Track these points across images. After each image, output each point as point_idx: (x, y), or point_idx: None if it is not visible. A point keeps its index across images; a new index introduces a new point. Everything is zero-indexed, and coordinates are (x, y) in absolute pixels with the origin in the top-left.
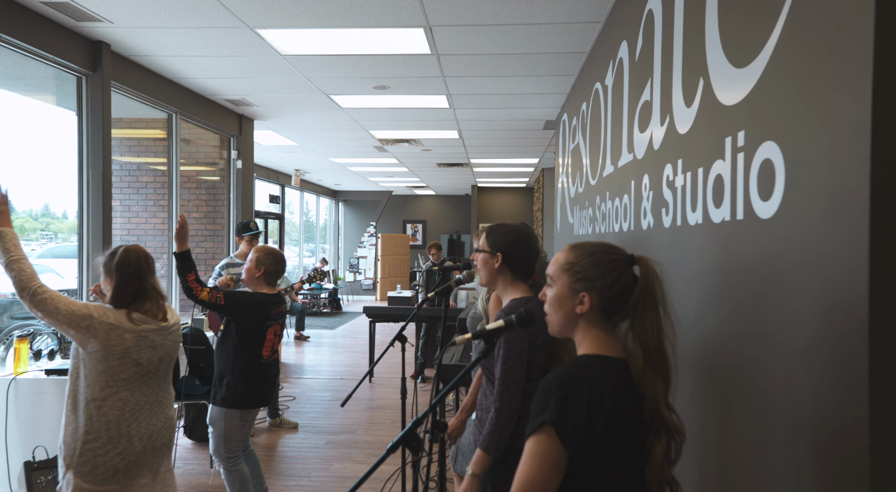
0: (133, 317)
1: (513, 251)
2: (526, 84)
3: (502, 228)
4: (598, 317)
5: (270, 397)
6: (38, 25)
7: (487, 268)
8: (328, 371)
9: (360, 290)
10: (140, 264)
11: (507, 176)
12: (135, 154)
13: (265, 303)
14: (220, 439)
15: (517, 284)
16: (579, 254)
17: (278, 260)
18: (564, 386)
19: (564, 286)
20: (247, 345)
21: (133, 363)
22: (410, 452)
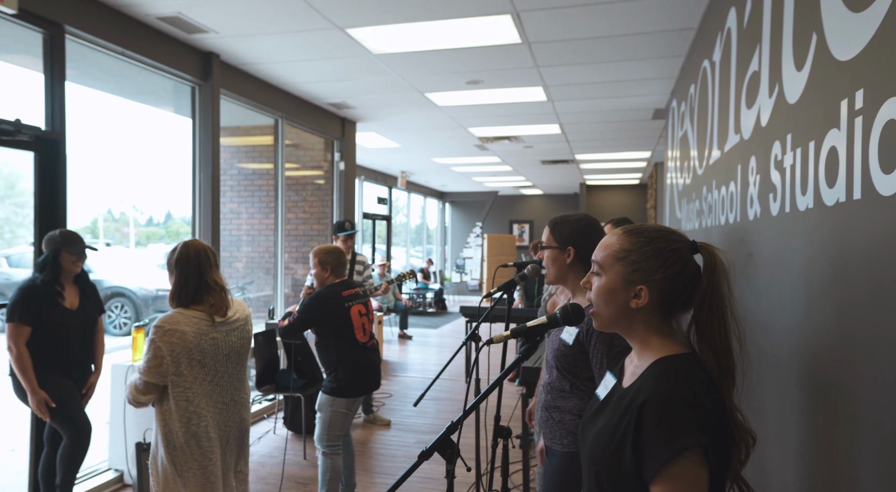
0: (188, 314)
1: (586, 243)
2: (628, 69)
3: (568, 219)
4: (657, 313)
5: (376, 382)
6: (155, 39)
7: (557, 264)
8: (429, 370)
9: (467, 290)
10: (200, 258)
11: (616, 172)
12: (250, 160)
13: (332, 291)
14: (324, 425)
15: None
16: (637, 241)
17: (338, 253)
18: (693, 398)
19: (617, 277)
20: (339, 335)
21: (198, 365)
22: (444, 460)
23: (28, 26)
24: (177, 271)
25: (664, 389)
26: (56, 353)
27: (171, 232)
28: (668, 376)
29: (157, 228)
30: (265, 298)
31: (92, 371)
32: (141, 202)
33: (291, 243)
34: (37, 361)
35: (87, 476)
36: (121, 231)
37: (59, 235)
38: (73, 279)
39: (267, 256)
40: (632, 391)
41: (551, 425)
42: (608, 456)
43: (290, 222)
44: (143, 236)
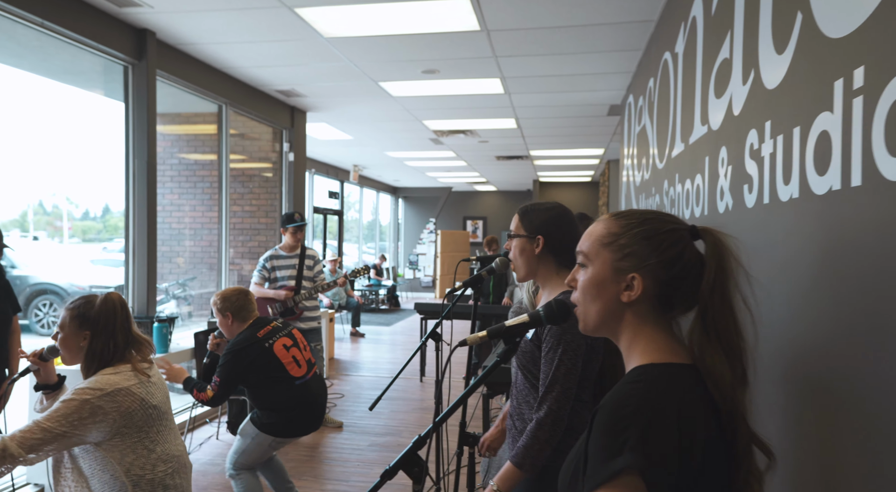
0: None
1: (555, 232)
2: (587, 62)
3: (540, 207)
4: (654, 308)
5: (318, 421)
6: (82, 12)
7: (525, 255)
8: (381, 369)
9: (420, 287)
10: (125, 311)
11: (570, 169)
12: (192, 149)
13: (244, 339)
14: (239, 453)
15: (563, 272)
16: (626, 223)
17: (237, 295)
18: (644, 414)
19: (605, 266)
20: (271, 379)
21: (155, 410)
22: (411, 479)
23: None
24: (97, 331)
25: (616, 401)
26: None
27: (109, 226)
28: (629, 387)
29: (94, 222)
30: (208, 294)
31: (6, 376)
32: (75, 194)
33: (237, 238)
34: None
35: (4, 490)
36: (53, 225)
37: None
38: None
39: (211, 251)
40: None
41: (514, 435)
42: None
43: (236, 215)
44: (79, 231)
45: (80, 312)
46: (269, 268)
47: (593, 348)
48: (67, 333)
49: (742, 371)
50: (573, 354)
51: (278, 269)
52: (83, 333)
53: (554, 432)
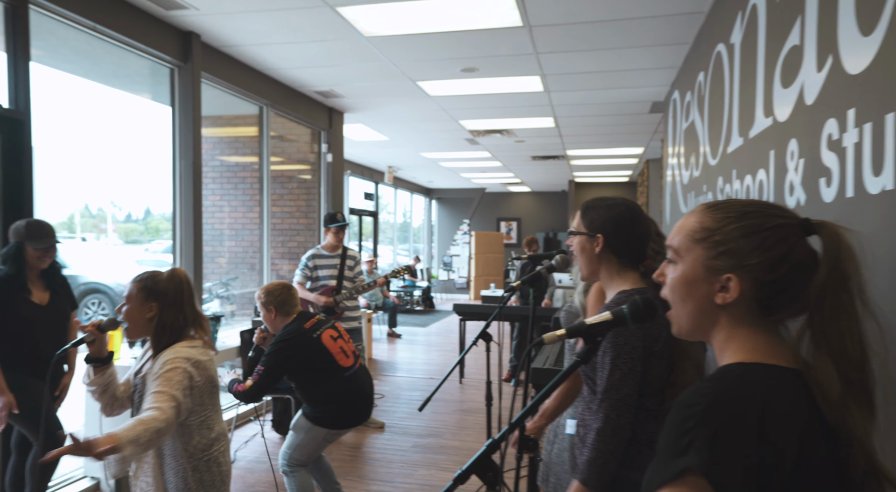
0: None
1: (617, 231)
2: (630, 58)
3: (602, 203)
4: (752, 311)
5: (368, 411)
6: (130, 14)
7: (586, 254)
8: (419, 369)
9: (454, 288)
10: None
11: (607, 169)
12: (233, 151)
13: (291, 330)
14: (292, 447)
15: (625, 272)
16: (722, 217)
17: (280, 289)
18: (716, 414)
19: (697, 264)
20: (320, 370)
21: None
22: (485, 484)
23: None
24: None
25: (690, 393)
26: (24, 352)
27: (150, 229)
28: (709, 382)
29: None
30: (250, 294)
31: (65, 371)
32: (119, 198)
33: (277, 238)
34: (3, 361)
35: (62, 485)
36: (98, 227)
37: (24, 227)
38: (41, 273)
39: (251, 252)
40: None
41: (576, 443)
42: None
43: (276, 216)
44: (122, 233)
45: (147, 285)
46: (312, 267)
47: (654, 353)
48: (133, 305)
49: (860, 385)
50: (628, 357)
51: (320, 268)
52: (149, 304)
53: (616, 442)
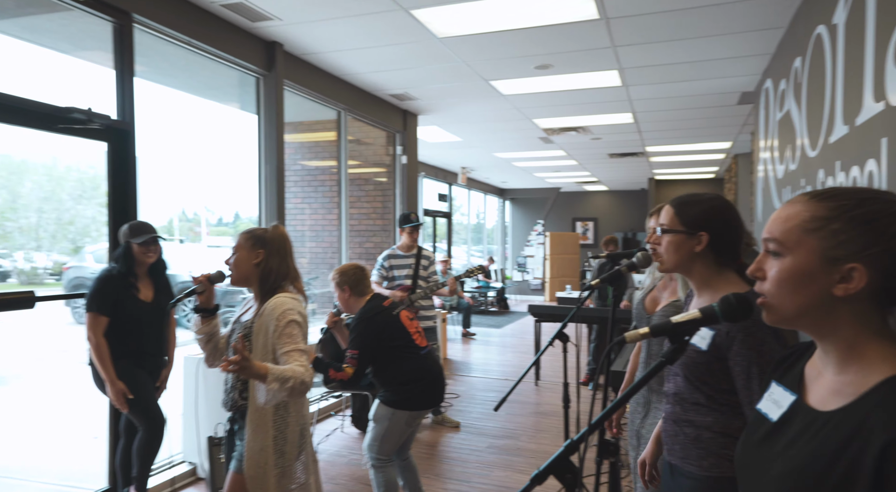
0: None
1: (723, 228)
2: (717, 47)
3: (699, 198)
4: (872, 304)
5: (443, 393)
6: (220, 28)
7: (682, 253)
8: (493, 370)
9: (528, 290)
10: (290, 243)
11: (690, 166)
12: (313, 155)
13: (371, 307)
14: (377, 437)
15: (725, 272)
16: (836, 205)
17: (354, 270)
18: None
19: (811, 256)
20: (398, 349)
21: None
22: (563, 485)
23: (98, 14)
24: (272, 252)
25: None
26: (132, 344)
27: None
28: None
29: (225, 227)
30: (330, 293)
31: (165, 363)
32: (211, 203)
33: (354, 239)
34: (113, 352)
35: (163, 468)
36: (193, 230)
37: (127, 228)
38: (148, 272)
39: (330, 252)
40: (851, 419)
41: (682, 442)
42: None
43: (353, 218)
44: (214, 236)
45: (256, 234)
46: (388, 267)
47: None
48: (242, 253)
49: None
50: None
51: (396, 268)
52: (257, 251)
53: None
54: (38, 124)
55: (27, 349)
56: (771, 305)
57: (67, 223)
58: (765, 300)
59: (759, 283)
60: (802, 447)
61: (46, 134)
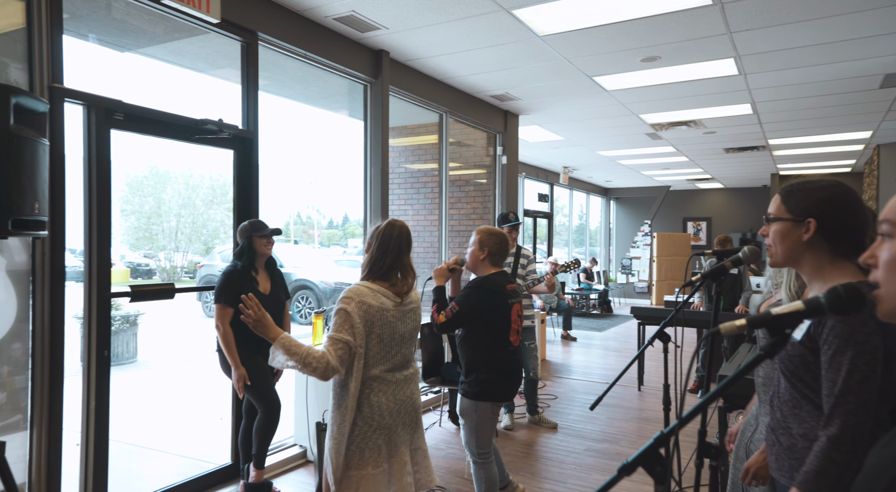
0: (374, 288)
1: (834, 214)
2: (851, 25)
3: (810, 185)
4: None
5: (517, 389)
6: (333, 40)
7: (789, 242)
8: (594, 373)
9: (633, 293)
10: (401, 239)
11: (821, 159)
12: (415, 158)
13: (495, 282)
14: (472, 432)
15: (840, 263)
16: None
17: (501, 239)
18: None
19: None
20: (493, 334)
21: (377, 338)
22: (652, 478)
23: (229, 35)
24: (376, 246)
25: None
26: (252, 333)
27: (347, 233)
28: None
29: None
30: (429, 292)
31: None
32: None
33: (454, 239)
34: (238, 340)
35: (278, 449)
36: (307, 232)
37: (248, 224)
38: (265, 266)
39: (431, 252)
40: None
41: (778, 452)
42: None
43: (453, 218)
44: (325, 237)
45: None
46: None
47: (890, 350)
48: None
49: None
50: (869, 357)
51: None
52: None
53: (855, 453)
54: (179, 135)
55: (165, 339)
56: (882, 296)
57: (201, 226)
58: (879, 292)
59: (872, 272)
60: None
61: (184, 144)
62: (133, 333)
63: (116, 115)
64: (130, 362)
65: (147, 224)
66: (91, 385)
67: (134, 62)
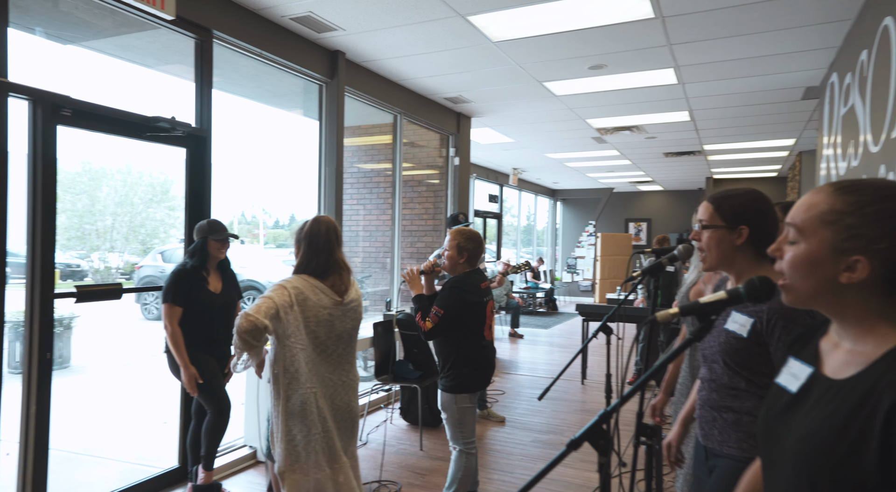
0: (312, 282)
1: (760, 220)
2: (780, 41)
3: (737, 193)
4: (878, 289)
5: (490, 378)
6: (289, 40)
7: (723, 247)
8: (540, 369)
9: (578, 291)
10: (329, 235)
11: (751, 164)
12: (369, 158)
13: (470, 282)
14: (456, 424)
15: (764, 264)
16: (855, 201)
17: (479, 242)
18: None
19: (823, 245)
20: (469, 330)
21: (312, 336)
22: (596, 451)
23: (183, 32)
24: (305, 247)
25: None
26: (202, 332)
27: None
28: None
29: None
30: (381, 292)
31: (231, 352)
32: (269, 206)
33: (406, 239)
34: (187, 340)
35: (227, 450)
36: (252, 232)
37: (206, 224)
38: (217, 266)
39: (383, 252)
40: (862, 385)
41: (722, 426)
42: (834, 461)
43: (406, 218)
44: (271, 238)
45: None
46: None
47: None
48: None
49: None
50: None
51: None
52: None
53: None
54: (129, 133)
55: (102, 343)
56: (788, 287)
57: (139, 226)
58: (784, 282)
59: (777, 261)
60: (820, 412)
61: (123, 140)
62: (67, 337)
63: (64, 111)
64: (64, 368)
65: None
66: (32, 389)
67: (80, 56)
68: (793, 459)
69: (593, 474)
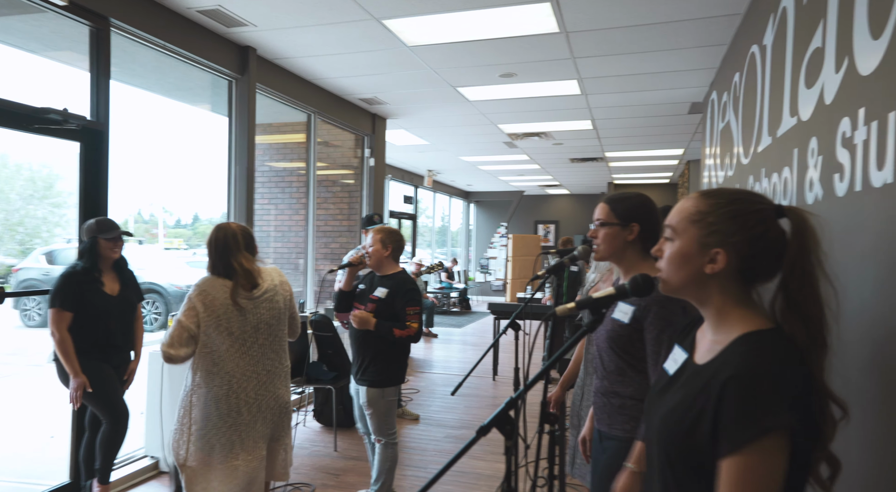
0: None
1: (647, 219)
2: (668, 60)
3: (629, 196)
4: (735, 280)
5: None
6: (196, 33)
7: (617, 242)
8: (454, 367)
9: (491, 290)
10: (227, 242)
11: (647, 171)
12: (281, 157)
13: (412, 280)
14: (382, 417)
15: (648, 260)
16: (714, 203)
17: (400, 236)
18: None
19: (691, 241)
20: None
21: (226, 333)
22: (503, 435)
23: (77, 19)
24: (210, 252)
25: (752, 366)
26: (97, 338)
27: (197, 233)
28: (756, 353)
29: (184, 229)
30: (295, 293)
31: (131, 358)
32: (170, 204)
33: (320, 239)
34: (78, 347)
35: (125, 462)
36: (150, 232)
37: (94, 223)
38: (112, 266)
39: (296, 252)
40: (711, 368)
41: (610, 411)
42: (681, 434)
43: (320, 219)
44: (172, 238)
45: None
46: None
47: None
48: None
49: (820, 337)
50: (673, 332)
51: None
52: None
53: None
54: (13, 124)
55: None
56: (664, 279)
57: (16, 224)
58: (660, 275)
59: (659, 260)
60: (679, 391)
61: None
62: None
63: None
64: None
65: None
66: None
67: None
68: (657, 434)
69: (503, 465)
